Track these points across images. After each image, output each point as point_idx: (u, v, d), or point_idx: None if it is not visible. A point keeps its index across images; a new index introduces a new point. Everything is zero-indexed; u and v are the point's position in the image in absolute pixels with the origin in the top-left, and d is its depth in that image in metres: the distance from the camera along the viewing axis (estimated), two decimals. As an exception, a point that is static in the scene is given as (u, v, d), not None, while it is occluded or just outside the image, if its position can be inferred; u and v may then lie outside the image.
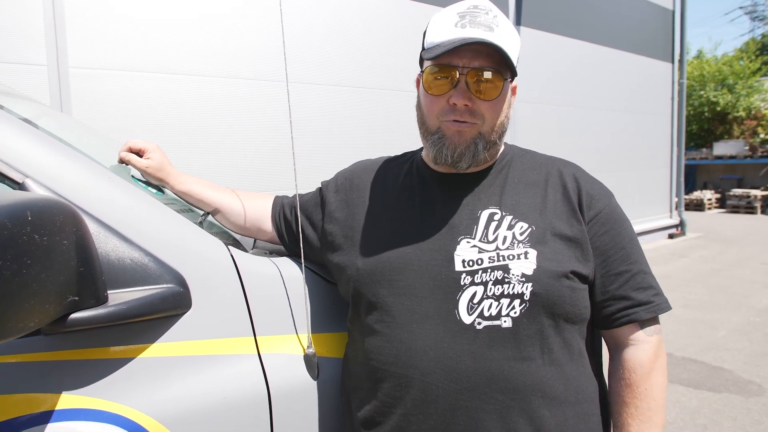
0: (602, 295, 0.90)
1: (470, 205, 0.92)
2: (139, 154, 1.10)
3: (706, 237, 9.62)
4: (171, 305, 0.82)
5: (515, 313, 0.83)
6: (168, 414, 0.80)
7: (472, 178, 0.94)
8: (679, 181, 9.73)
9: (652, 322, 0.92)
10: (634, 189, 8.43)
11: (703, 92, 20.49)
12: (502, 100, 0.89)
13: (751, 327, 4.39)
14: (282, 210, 1.12)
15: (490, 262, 0.85)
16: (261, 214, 1.13)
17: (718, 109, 20.28)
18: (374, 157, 1.12)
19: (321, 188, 1.10)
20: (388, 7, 5.10)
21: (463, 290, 0.84)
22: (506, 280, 0.84)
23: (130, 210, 0.85)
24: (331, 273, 1.04)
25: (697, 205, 14.89)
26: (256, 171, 4.25)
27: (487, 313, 0.83)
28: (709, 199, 15.16)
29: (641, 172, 8.74)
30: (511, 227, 0.88)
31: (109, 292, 0.77)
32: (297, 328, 0.97)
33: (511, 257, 0.85)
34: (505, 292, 0.83)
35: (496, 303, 0.83)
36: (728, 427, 2.76)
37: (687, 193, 14.13)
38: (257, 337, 0.92)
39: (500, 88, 0.87)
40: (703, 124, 21.09)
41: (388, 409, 0.87)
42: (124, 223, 0.83)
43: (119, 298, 0.77)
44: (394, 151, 1.13)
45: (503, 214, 0.90)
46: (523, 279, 0.83)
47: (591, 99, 7.72)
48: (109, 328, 0.78)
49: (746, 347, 3.92)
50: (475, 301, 0.84)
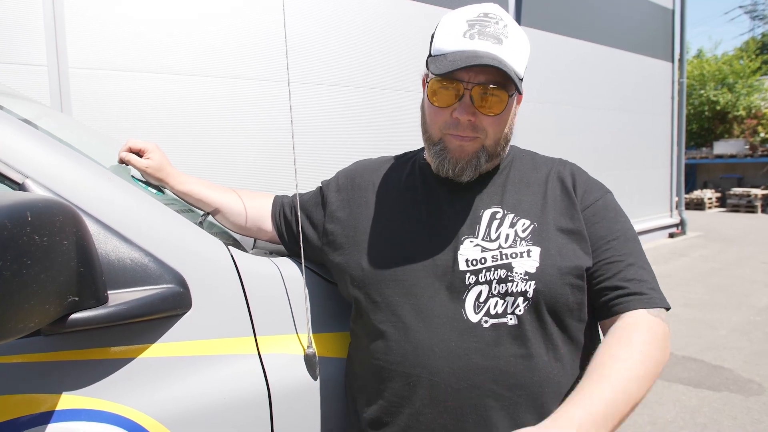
0: (596, 285, 0.88)
1: (472, 205, 0.92)
2: (139, 154, 1.10)
3: (707, 236, 9.61)
4: (171, 305, 0.82)
5: (520, 311, 0.84)
6: (168, 414, 0.80)
7: (475, 179, 0.95)
8: (680, 180, 9.73)
9: (653, 308, 0.85)
10: (634, 188, 8.42)
11: (703, 91, 20.48)
12: (507, 114, 0.89)
13: (751, 326, 4.39)
14: (282, 209, 1.12)
15: (493, 261, 0.86)
16: (261, 214, 1.13)
17: (718, 108, 20.27)
18: (375, 157, 1.12)
19: (321, 187, 1.10)
20: (388, 6, 5.09)
21: (469, 289, 0.85)
22: (510, 279, 0.84)
23: (130, 210, 0.85)
24: (331, 273, 1.04)
25: (698, 205, 14.89)
26: (258, 170, 4.25)
27: (493, 311, 0.84)
28: (710, 198, 15.16)
29: (641, 172, 8.74)
30: (513, 225, 0.89)
31: (109, 292, 0.77)
32: (297, 328, 0.97)
33: (514, 255, 0.86)
34: (510, 291, 0.84)
35: (502, 301, 0.84)
36: (728, 426, 2.76)
37: (687, 192, 14.13)
38: (257, 337, 0.92)
39: (505, 102, 0.86)
40: (703, 124, 21.08)
41: (396, 408, 0.87)
42: (124, 223, 0.83)
43: (119, 298, 0.77)
44: (396, 151, 1.13)
45: (505, 213, 0.90)
46: (527, 277, 0.84)
47: (591, 98, 7.72)
48: (109, 329, 0.78)
49: (746, 346, 3.92)
50: (482, 299, 0.85)
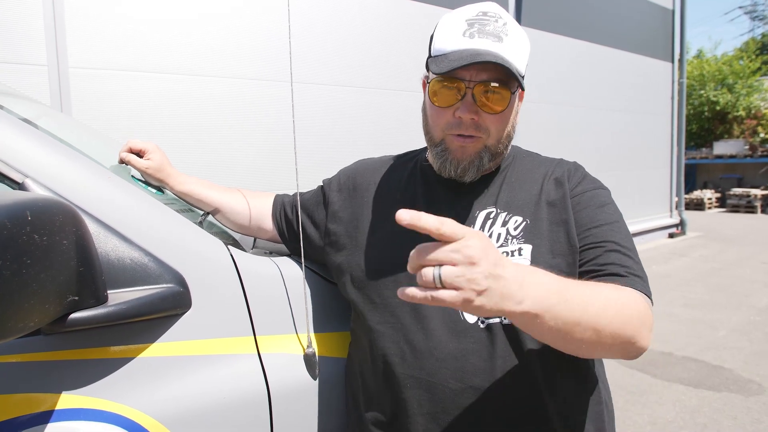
0: (580, 267, 0.85)
1: (470, 207, 0.92)
2: (140, 154, 1.10)
3: (706, 236, 9.61)
4: (171, 305, 0.82)
5: None
6: (168, 414, 0.80)
7: (476, 181, 0.94)
8: (679, 180, 9.73)
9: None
10: (635, 188, 8.43)
11: (703, 92, 20.48)
12: (509, 112, 0.88)
13: (751, 326, 4.39)
14: (283, 208, 1.12)
15: None
16: (261, 213, 1.13)
17: (718, 108, 20.27)
18: (377, 156, 1.12)
19: (323, 186, 1.10)
20: (388, 6, 5.09)
21: None
22: None
23: (130, 210, 0.85)
24: (331, 272, 1.04)
25: (698, 205, 14.89)
26: (257, 170, 4.25)
27: None
28: (709, 199, 15.16)
29: (641, 172, 8.74)
30: (505, 223, 0.89)
31: (108, 291, 0.77)
32: (297, 328, 0.97)
33: (505, 254, 0.85)
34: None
35: None
36: (728, 426, 2.76)
37: (687, 192, 14.13)
38: (257, 337, 0.92)
39: (507, 100, 0.86)
40: (703, 124, 21.08)
41: (395, 409, 0.88)
42: (124, 222, 0.83)
43: (119, 297, 0.77)
44: (397, 151, 1.12)
45: (498, 212, 0.90)
46: None
47: (591, 99, 7.72)
48: (108, 328, 0.78)
49: (746, 346, 3.91)
50: None
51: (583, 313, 0.67)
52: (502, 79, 0.84)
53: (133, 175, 1.10)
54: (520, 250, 0.85)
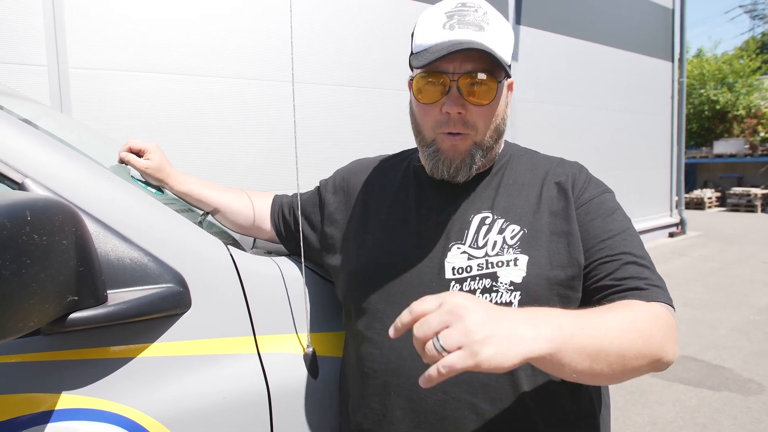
0: (590, 286, 0.83)
1: (464, 210, 0.89)
2: (140, 154, 1.10)
3: (706, 235, 9.61)
4: (170, 305, 0.82)
5: None
6: (168, 414, 0.80)
7: (468, 181, 0.92)
8: (680, 179, 9.73)
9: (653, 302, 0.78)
10: (635, 188, 8.42)
11: (703, 91, 20.48)
12: (497, 103, 0.85)
13: (750, 326, 4.39)
14: (281, 209, 1.12)
15: (478, 270, 0.83)
16: (260, 214, 1.13)
17: (718, 107, 20.26)
18: (372, 156, 1.11)
19: (319, 188, 1.09)
20: (389, 6, 5.09)
21: None
22: (494, 289, 0.81)
23: (130, 210, 0.85)
24: (329, 273, 1.04)
25: (698, 204, 14.89)
26: (258, 170, 4.25)
27: None
28: (710, 198, 15.15)
29: (641, 171, 8.74)
30: (501, 231, 0.85)
31: (108, 291, 0.77)
32: (297, 328, 0.97)
33: (500, 264, 0.82)
34: (494, 301, 0.80)
35: None
36: (728, 426, 2.76)
37: (687, 191, 14.12)
38: (257, 337, 0.92)
39: (494, 90, 0.83)
40: (703, 123, 21.07)
41: (378, 416, 0.87)
42: (124, 222, 0.83)
43: (119, 297, 0.77)
44: (397, 150, 1.12)
45: (494, 218, 0.87)
46: (512, 287, 0.80)
47: (591, 98, 7.72)
48: (108, 328, 0.78)
49: (746, 346, 3.92)
50: None
51: (603, 339, 0.64)
52: (488, 69, 0.81)
53: (132, 175, 1.10)
54: (516, 260, 0.82)
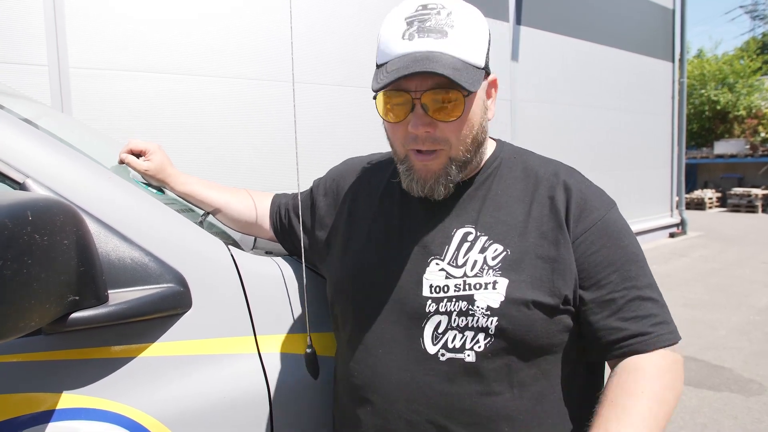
0: (592, 324, 0.78)
1: (447, 223, 0.84)
2: (140, 155, 1.10)
3: (707, 236, 9.61)
4: (171, 305, 0.82)
5: (479, 348, 0.76)
6: (168, 413, 0.81)
7: (454, 191, 0.85)
8: (680, 180, 9.73)
9: (664, 347, 0.77)
10: (635, 188, 8.42)
11: (703, 91, 20.48)
12: (467, 115, 0.78)
13: (751, 326, 4.39)
14: (279, 210, 1.12)
15: (455, 291, 0.78)
16: (261, 214, 1.13)
17: (719, 108, 20.27)
18: (365, 155, 1.08)
19: (312, 189, 1.07)
20: (389, 6, 5.07)
21: (429, 318, 0.79)
22: (470, 312, 0.77)
23: (131, 210, 0.86)
24: None
25: (698, 204, 14.89)
26: (259, 170, 4.25)
27: (451, 345, 0.77)
28: (710, 198, 15.16)
29: (642, 171, 8.74)
30: (483, 250, 0.80)
31: (109, 291, 0.77)
32: (297, 328, 0.97)
33: (478, 286, 0.77)
34: (469, 325, 0.77)
35: (461, 335, 0.77)
36: (728, 426, 2.76)
37: (688, 192, 14.10)
38: (257, 337, 0.92)
39: (462, 103, 0.75)
40: (704, 123, 21.08)
41: (354, 426, 0.86)
42: (125, 222, 0.83)
43: (120, 297, 0.77)
44: None
45: (477, 235, 0.81)
46: (488, 312, 0.76)
47: (591, 98, 7.72)
48: (109, 328, 0.78)
49: (746, 346, 3.91)
50: (440, 330, 0.78)
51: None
52: (453, 82, 0.72)
53: (133, 177, 1.10)
54: (495, 283, 0.77)
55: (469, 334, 0.77)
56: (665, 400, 0.73)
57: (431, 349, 0.78)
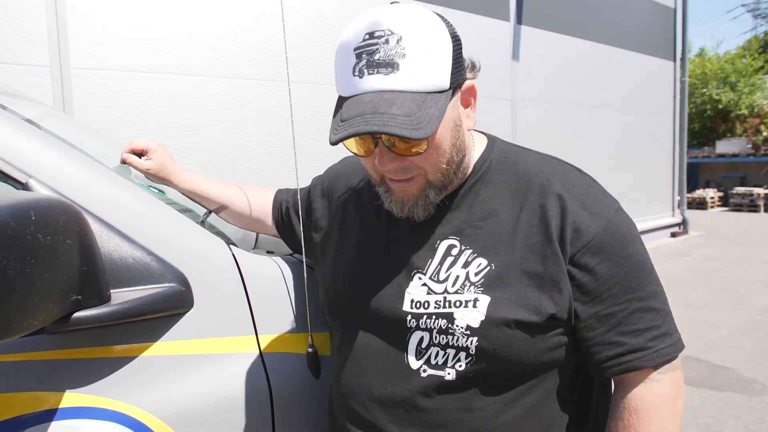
0: (590, 339, 0.76)
1: (432, 233, 0.81)
2: (142, 154, 1.10)
3: (709, 235, 9.60)
4: (173, 304, 0.83)
5: (461, 366, 0.75)
6: (171, 412, 0.81)
7: (440, 200, 0.81)
8: (682, 179, 9.71)
9: (664, 362, 0.76)
10: (636, 187, 8.41)
11: (705, 90, 20.46)
12: (435, 146, 0.73)
13: (752, 326, 4.38)
14: (280, 208, 1.12)
15: (435, 308, 0.76)
16: (264, 211, 1.13)
17: (721, 107, 20.24)
18: None
19: (310, 189, 1.07)
20: (389, 6, 5.09)
21: (411, 333, 0.78)
22: (450, 331, 0.75)
23: (133, 209, 0.86)
24: None
25: (700, 204, 14.87)
26: (258, 170, 4.25)
27: (433, 361, 0.76)
28: (712, 198, 15.13)
29: (643, 171, 8.72)
30: (467, 264, 0.77)
31: (111, 291, 0.77)
32: (298, 327, 0.98)
33: (458, 304, 0.75)
34: (450, 343, 0.75)
35: (443, 352, 0.75)
36: (731, 426, 2.76)
37: (689, 191, 14.10)
38: (259, 336, 0.92)
39: (425, 141, 0.70)
40: (706, 122, 21.04)
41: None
42: (127, 222, 0.84)
43: (122, 297, 0.78)
44: None
45: (462, 248, 0.78)
46: (468, 332, 0.73)
47: (592, 97, 7.71)
48: (111, 327, 0.79)
49: (748, 346, 3.91)
50: (423, 346, 0.77)
51: None
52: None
53: (135, 177, 1.10)
54: (476, 300, 0.74)
55: (451, 352, 0.75)
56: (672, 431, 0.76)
57: (414, 364, 0.77)
